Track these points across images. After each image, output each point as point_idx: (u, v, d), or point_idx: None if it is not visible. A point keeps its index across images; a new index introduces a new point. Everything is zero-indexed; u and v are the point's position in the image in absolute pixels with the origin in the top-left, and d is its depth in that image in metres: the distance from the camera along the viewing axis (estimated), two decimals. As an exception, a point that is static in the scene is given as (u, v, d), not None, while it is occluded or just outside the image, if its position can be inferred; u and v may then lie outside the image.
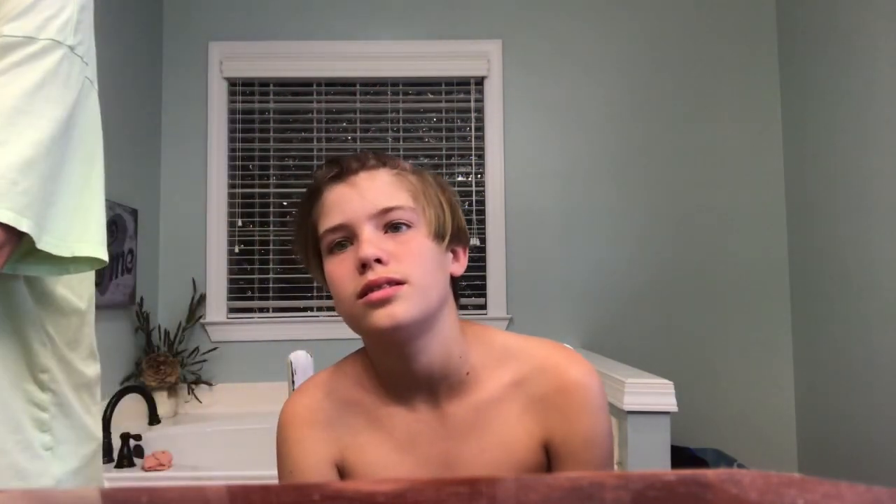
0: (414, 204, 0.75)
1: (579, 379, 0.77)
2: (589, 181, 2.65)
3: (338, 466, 0.79)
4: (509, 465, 0.76)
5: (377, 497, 0.28)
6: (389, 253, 0.72)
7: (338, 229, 0.74)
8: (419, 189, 0.76)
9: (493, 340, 0.81)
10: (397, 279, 0.71)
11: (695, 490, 0.28)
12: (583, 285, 2.62)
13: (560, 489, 0.29)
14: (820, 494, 0.26)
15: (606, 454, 0.78)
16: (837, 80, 2.24)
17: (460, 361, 0.78)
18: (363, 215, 0.73)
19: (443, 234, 0.77)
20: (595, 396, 0.77)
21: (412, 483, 0.29)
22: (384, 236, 0.74)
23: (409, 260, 0.72)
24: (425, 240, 0.75)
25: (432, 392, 0.78)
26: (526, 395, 0.77)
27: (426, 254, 0.74)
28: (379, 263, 0.71)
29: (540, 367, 0.78)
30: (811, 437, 2.46)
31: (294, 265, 2.67)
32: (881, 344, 2.01)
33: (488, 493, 0.30)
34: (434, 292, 0.74)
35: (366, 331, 0.73)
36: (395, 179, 0.76)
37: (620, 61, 2.69)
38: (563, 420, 0.76)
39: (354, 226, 0.73)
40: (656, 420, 1.59)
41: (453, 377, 0.77)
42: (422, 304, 0.72)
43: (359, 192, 0.74)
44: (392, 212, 0.74)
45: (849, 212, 2.18)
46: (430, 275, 0.74)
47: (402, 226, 0.74)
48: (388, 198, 0.74)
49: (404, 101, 2.72)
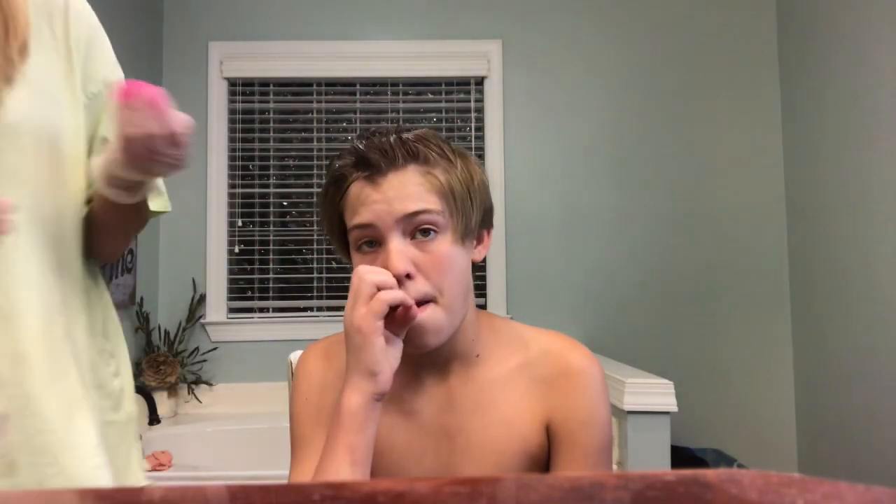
0: (443, 205, 0.75)
1: (581, 363, 0.81)
2: (589, 181, 2.65)
3: None
4: (511, 442, 0.79)
5: (377, 497, 0.28)
6: (418, 265, 0.73)
7: (365, 227, 0.75)
8: (447, 188, 0.76)
9: (504, 328, 0.85)
10: (425, 299, 0.73)
11: (695, 490, 0.28)
12: (583, 285, 2.62)
13: (560, 489, 0.29)
14: (820, 494, 0.26)
15: (605, 439, 0.80)
16: (837, 80, 2.24)
17: (472, 344, 0.81)
18: (390, 220, 0.73)
19: (470, 230, 0.78)
20: (595, 381, 0.81)
21: (412, 483, 0.29)
22: (411, 244, 0.74)
23: (438, 273, 0.74)
24: (452, 247, 0.75)
25: (442, 370, 0.81)
26: (530, 376, 0.81)
27: (452, 262, 0.75)
28: (408, 279, 0.72)
29: (545, 351, 0.82)
30: (811, 437, 2.46)
31: (294, 265, 2.67)
32: (881, 344, 2.01)
33: (488, 493, 0.30)
34: (460, 301, 0.76)
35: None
36: (424, 180, 0.75)
37: (620, 61, 2.69)
38: (563, 400, 0.80)
39: (382, 230, 0.74)
40: (656, 420, 1.60)
41: (464, 359, 0.81)
42: (450, 319, 0.75)
43: (386, 196, 0.74)
44: (419, 216, 0.74)
45: (849, 212, 2.18)
46: (457, 283, 0.75)
47: (430, 231, 0.74)
48: (416, 202, 0.74)
49: (404, 101, 2.72)
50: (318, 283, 2.66)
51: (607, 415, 0.81)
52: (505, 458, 0.79)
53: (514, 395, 0.80)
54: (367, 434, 0.71)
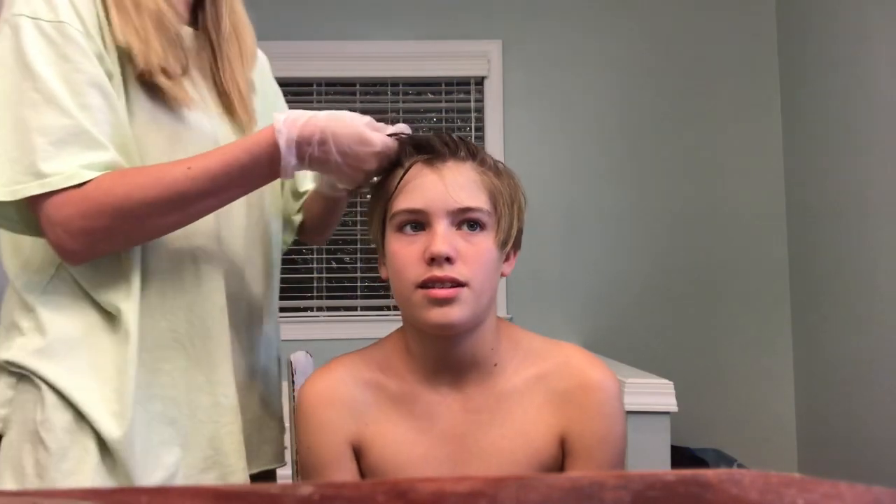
0: (491, 208, 0.77)
1: (600, 380, 0.80)
2: (589, 181, 2.65)
3: (354, 445, 0.81)
4: (525, 454, 0.79)
5: (377, 497, 0.28)
6: (459, 252, 0.75)
7: (414, 212, 0.76)
8: (499, 193, 0.79)
9: (523, 339, 0.85)
10: (461, 280, 0.74)
11: (695, 490, 0.28)
12: (582, 285, 2.62)
13: (560, 489, 0.29)
14: (820, 494, 0.26)
15: (620, 455, 0.81)
16: (837, 80, 2.24)
17: (491, 353, 0.81)
18: (443, 208, 0.75)
19: (508, 241, 0.80)
20: (614, 398, 0.80)
21: (413, 483, 0.29)
22: (456, 233, 0.76)
23: (476, 264, 0.75)
24: (492, 246, 0.77)
25: (459, 378, 0.81)
26: (548, 389, 0.81)
27: (490, 260, 0.77)
28: (447, 262, 0.74)
29: (563, 364, 0.81)
30: (811, 437, 2.46)
31: (294, 265, 2.67)
32: (881, 344, 2.01)
33: (488, 492, 0.30)
34: (487, 296, 0.77)
35: (419, 321, 0.76)
36: (480, 178, 0.78)
37: (620, 61, 2.69)
38: (581, 416, 0.79)
39: (432, 215, 0.75)
40: (656, 420, 1.60)
41: (482, 367, 0.81)
42: (476, 308, 0.76)
43: (444, 182, 0.75)
44: (471, 212, 0.76)
45: (849, 212, 2.18)
46: (489, 280, 0.77)
47: (477, 226, 0.76)
48: (470, 197, 0.76)
49: (404, 101, 2.72)
50: (318, 283, 2.66)
51: (624, 431, 0.81)
52: (519, 468, 0.79)
53: (530, 407, 0.80)
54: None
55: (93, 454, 0.71)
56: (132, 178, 0.71)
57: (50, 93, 0.68)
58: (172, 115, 0.78)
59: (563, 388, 0.80)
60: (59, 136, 0.68)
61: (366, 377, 0.82)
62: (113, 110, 0.73)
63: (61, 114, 0.68)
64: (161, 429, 0.76)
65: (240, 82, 0.86)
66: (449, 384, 0.81)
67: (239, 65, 0.87)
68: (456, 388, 0.81)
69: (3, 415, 0.74)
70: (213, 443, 0.79)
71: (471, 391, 0.81)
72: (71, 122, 0.69)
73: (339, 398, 0.81)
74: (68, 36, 0.70)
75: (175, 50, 0.77)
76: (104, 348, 0.73)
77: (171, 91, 0.76)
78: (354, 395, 0.81)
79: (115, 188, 0.70)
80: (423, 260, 0.74)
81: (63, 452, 0.70)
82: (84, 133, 0.69)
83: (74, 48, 0.70)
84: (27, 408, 0.72)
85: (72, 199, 0.68)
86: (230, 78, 0.86)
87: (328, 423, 0.80)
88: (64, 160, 0.68)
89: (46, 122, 0.68)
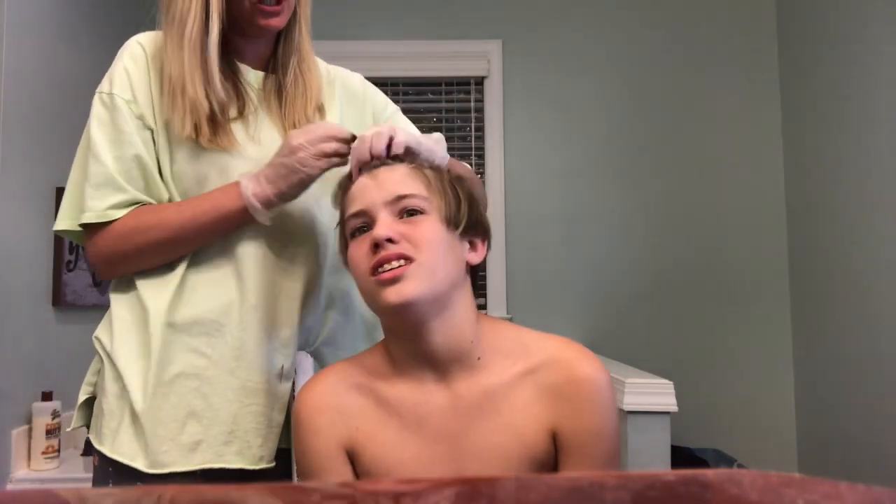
0: (427, 193, 0.81)
1: (591, 373, 0.80)
2: (588, 181, 2.65)
3: (347, 449, 0.83)
4: (517, 449, 0.79)
5: (378, 497, 0.28)
6: (401, 234, 0.78)
7: (358, 215, 0.82)
8: (433, 180, 0.83)
9: (508, 332, 0.86)
10: (406, 255, 0.76)
11: (695, 490, 0.28)
12: (582, 285, 2.62)
13: (560, 489, 0.29)
14: (820, 494, 0.26)
15: (614, 449, 0.80)
16: (837, 80, 2.24)
17: (472, 346, 0.81)
18: (380, 202, 0.80)
19: (456, 223, 0.82)
20: (605, 391, 0.80)
21: (412, 483, 0.29)
22: (399, 221, 0.79)
23: (421, 241, 0.78)
24: (437, 224, 0.80)
25: (443, 375, 0.81)
26: (537, 383, 0.80)
27: (436, 236, 0.79)
28: (390, 243, 0.77)
29: (552, 358, 0.81)
30: (811, 437, 2.46)
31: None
32: (881, 344, 2.01)
33: (488, 492, 0.30)
34: (441, 272, 0.78)
35: (380, 307, 0.79)
36: (412, 172, 0.83)
37: (620, 61, 2.69)
38: (572, 411, 0.79)
39: (372, 211, 0.80)
40: (656, 420, 1.60)
41: (464, 361, 0.81)
42: (429, 281, 0.77)
43: (378, 182, 0.82)
44: (406, 199, 0.80)
45: (849, 211, 2.18)
46: (439, 255, 0.79)
47: (416, 212, 0.80)
48: (403, 186, 0.81)
49: (404, 101, 2.72)
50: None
51: (616, 424, 0.81)
52: (511, 463, 0.78)
53: (520, 401, 0.80)
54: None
55: (127, 419, 0.90)
56: (144, 220, 0.92)
57: (96, 149, 0.91)
58: (211, 156, 0.94)
59: (553, 382, 0.80)
60: (96, 181, 0.91)
61: (356, 382, 0.84)
62: (140, 162, 0.92)
63: (99, 165, 0.91)
64: (193, 402, 0.91)
65: (306, 115, 1.02)
66: (434, 381, 0.82)
67: (303, 101, 1.03)
68: (442, 385, 0.81)
69: (96, 381, 0.97)
70: (236, 420, 0.92)
71: (457, 388, 0.81)
72: (104, 171, 0.91)
73: (329, 404, 0.83)
74: (116, 105, 0.92)
75: (213, 116, 0.94)
76: (149, 332, 0.91)
77: (210, 144, 0.93)
78: (345, 400, 0.83)
79: (132, 229, 0.91)
80: (371, 250, 0.78)
81: (112, 414, 0.91)
82: (112, 180, 0.91)
83: (119, 114, 0.92)
84: (103, 376, 0.94)
85: (101, 233, 0.91)
86: (293, 112, 1.02)
87: (320, 429, 0.83)
88: (97, 201, 0.90)
89: (91, 171, 0.91)
